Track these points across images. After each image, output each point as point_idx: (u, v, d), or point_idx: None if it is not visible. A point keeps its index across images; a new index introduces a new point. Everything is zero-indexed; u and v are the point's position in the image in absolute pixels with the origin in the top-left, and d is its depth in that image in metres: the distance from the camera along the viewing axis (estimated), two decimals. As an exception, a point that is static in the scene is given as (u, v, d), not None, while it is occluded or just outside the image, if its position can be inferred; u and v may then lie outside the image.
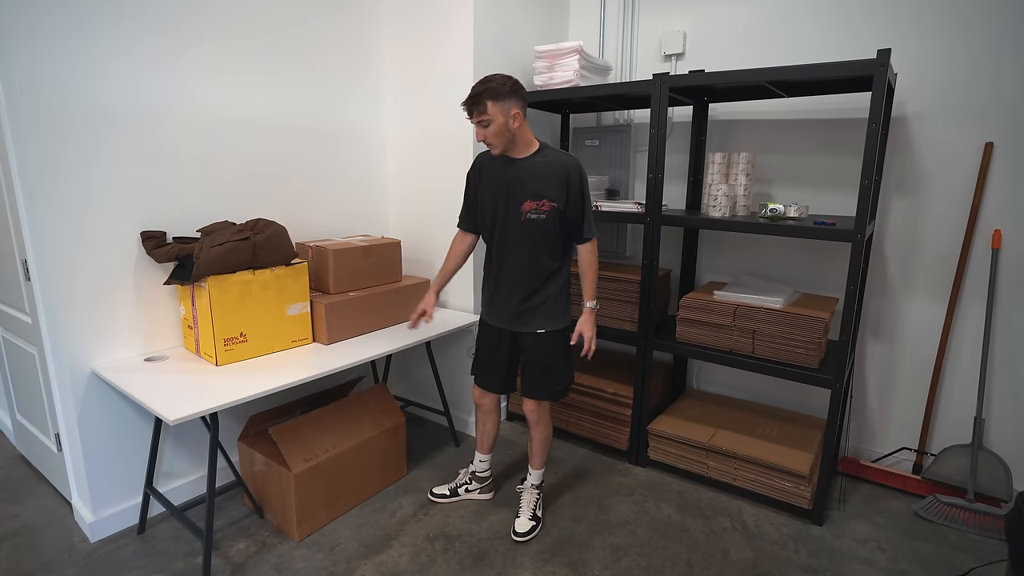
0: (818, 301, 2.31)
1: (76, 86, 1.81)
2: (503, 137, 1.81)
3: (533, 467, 2.16)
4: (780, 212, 2.15)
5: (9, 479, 2.38)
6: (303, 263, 2.19)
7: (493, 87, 1.76)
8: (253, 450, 2.12)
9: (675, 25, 2.72)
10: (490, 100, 1.76)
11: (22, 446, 2.54)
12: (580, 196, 1.88)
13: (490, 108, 1.76)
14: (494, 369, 2.10)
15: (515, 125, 1.80)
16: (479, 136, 1.83)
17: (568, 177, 1.85)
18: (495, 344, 2.07)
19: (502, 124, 1.78)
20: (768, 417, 2.56)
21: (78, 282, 1.89)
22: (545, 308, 1.96)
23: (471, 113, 1.80)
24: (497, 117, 1.77)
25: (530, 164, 1.87)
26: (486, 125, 1.79)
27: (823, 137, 2.43)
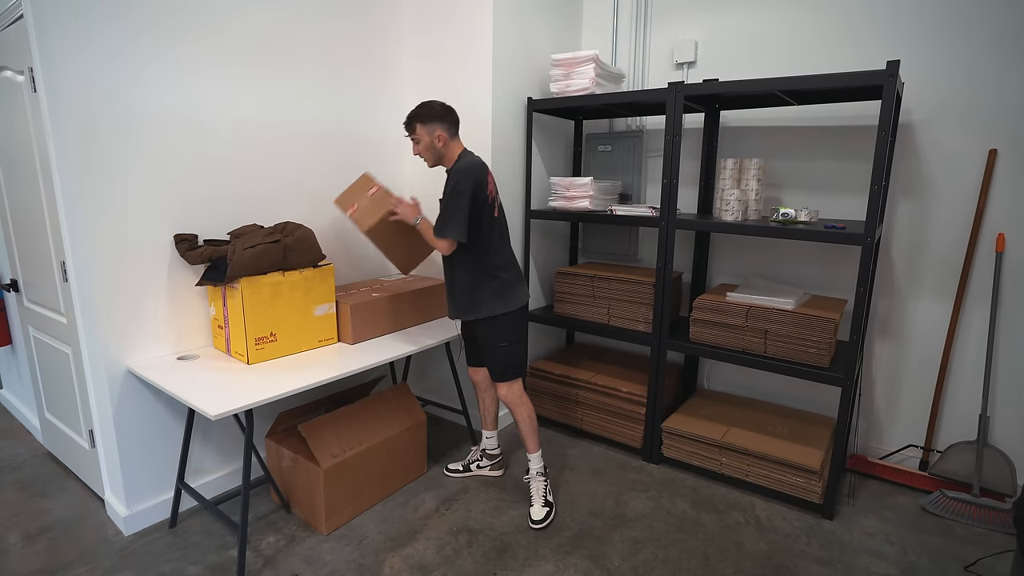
0: (828, 302, 2.38)
1: (115, 93, 1.87)
2: (431, 153, 2.08)
3: (528, 451, 2.26)
4: (791, 216, 2.21)
5: (38, 476, 2.43)
6: (330, 265, 2.24)
7: (421, 112, 2.05)
8: (281, 446, 2.17)
9: (686, 34, 2.79)
10: (418, 123, 2.05)
11: (50, 443, 2.58)
12: (446, 195, 2.03)
13: (418, 128, 2.05)
14: (468, 350, 2.39)
15: (440, 144, 2.06)
16: (413, 151, 2.12)
17: (447, 181, 2.07)
18: (462, 331, 2.37)
19: (428, 143, 2.06)
20: (778, 415, 2.62)
21: (114, 283, 1.94)
22: (460, 301, 2.15)
23: (407, 132, 2.10)
24: (424, 136, 2.05)
25: (448, 175, 2.11)
26: (416, 142, 2.08)
27: (832, 143, 2.50)
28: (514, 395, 2.23)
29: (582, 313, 2.81)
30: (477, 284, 2.11)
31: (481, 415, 2.49)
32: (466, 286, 2.12)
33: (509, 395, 2.22)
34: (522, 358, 2.23)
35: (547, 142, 3.02)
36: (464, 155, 2.09)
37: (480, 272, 2.11)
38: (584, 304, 2.80)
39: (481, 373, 2.40)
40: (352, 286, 2.56)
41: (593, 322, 2.77)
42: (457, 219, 2.00)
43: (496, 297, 2.13)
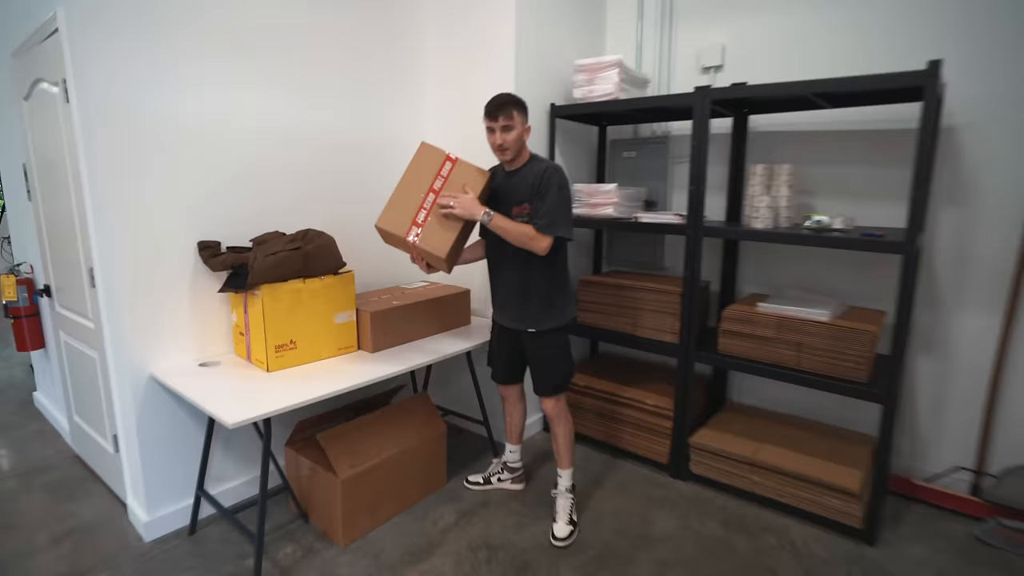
0: (865, 314, 2.27)
1: (142, 104, 1.92)
2: (517, 144, 1.96)
3: (561, 467, 2.21)
4: (826, 223, 2.12)
5: (66, 479, 2.47)
6: (350, 272, 2.24)
7: (518, 98, 1.95)
8: (300, 455, 2.16)
9: (713, 38, 2.73)
10: (516, 109, 1.92)
11: (78, 447, 2.63)
12: (546, 191, 1.93)
13: (515, 115, 1.92)
14: (499, 362, 2.28)
15: (527, 137, 1.99)
16: (497, 140, 1.94)
17: (542, 176, 1.94)
18: (498, 339, 2.26)
19: (519, 133, 1.95)
20: (813, 432, 2.50)
21: (139, 289, 1.97)
22: (535, 308, 2.06)
23: (497, 116, 1.91)
24: (518, 124, 1.94)
25: (521, 174, 2.01)
26: (508, 130, 1.92)
27: (868, 148, 2.40)
28: (561, 409, 2.17)
29: (606, 323, 2.75)
30: (554, 291, 2.06)
31: (506, 429, 2.44)
32: (545, 292, 2.05)
33: (556, 409, 2.16)
34: (573, 370, 2.20)
35: (570, 148, 2.98)
36: (536, 157, 2.05)
37: (560, 278, 2.07)
38: (608, 313, 2.74)
39: (511, 388, 2.34)
40: (372, 293, 2.55)
41: (618, 332, 2.71)
42: (567, 217, 1.95)
43: (567, 304, 2.11)
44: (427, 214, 1.95)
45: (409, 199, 1.96)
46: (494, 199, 2.04)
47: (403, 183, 1.99)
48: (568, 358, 2.16)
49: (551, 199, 1.92)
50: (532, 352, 2.13)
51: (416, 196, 1.96)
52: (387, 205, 1.98)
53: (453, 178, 1.97)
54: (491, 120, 1.94)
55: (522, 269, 2.03)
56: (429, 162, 1.98)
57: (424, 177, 1.97)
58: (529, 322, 2.08)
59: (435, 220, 1.94)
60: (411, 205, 1.96)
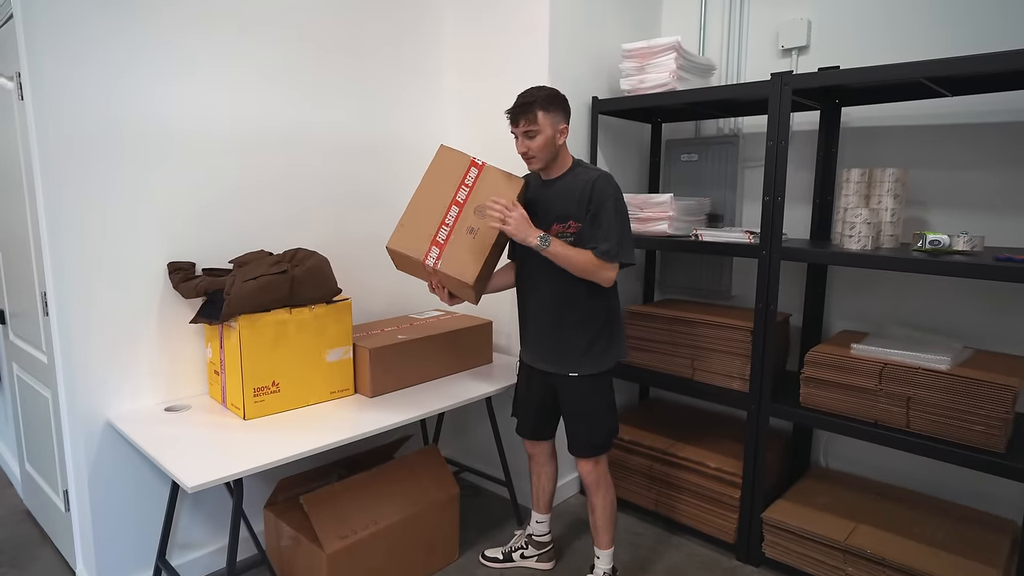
0: (1000, 361, 2.09)
1: (107, 103, 1.91)
2: (548, 151, 1.89)
3: (599, 546, 2.12)
4: (944, 244, 1.99)
5: (11, 538, 2.46)
6: (347, 300, 2.19)
7: (545, 95, 1.87)
8: (281, 520, 2.11)
9: (796, 12, 2.64)
10: (541, 110, 1.84)
11: (29, 501, 2.62)
12: (599, 206, 1.86)
13: (540, 118, 1.85)
14: (527, 412, 2.20)
15: (561, 141, 1.90)
16: (521, 148, 1.90)
17: (592, 188, 1.88)
18: (527, 384, 2.17)
19: (549, 137, 1.87)
20: (929, 512, 2.32)
21: (98, 318, 1.95)
22: (577, 347, 1.97)
23: (517, 121, 1.88)
24: (546, 129, 1.85)
25: (561, 184, 1.95)
26: (532, 136, 1.86)
27: (1003, 146, 2.24)
28: (601, 474, 2.08)
29: (659, 363, 2.67)
30: (602, 326, 1.99)
31: (533, 495, 2.33)
32: (587, 330, 1.97)
33: (594, 474, 2.07)
34: (617, 425, 2.12)
35: (616, 151, 2.94)
36: (580, 163, 2.01)
37: (610, 313, 2.00)
38: (661, 352, 2.66)
39: (541, 446, 2.26)
40: (374, 325, 2.51)
41: (673, 375, 2.62)
42: (630, 237, 1.90)
43: (615, 343, 2.03)
44: (449, 231, 1.88)
45: (427, 214, 1.90)
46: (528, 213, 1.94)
47: (419, 194, 1.93)
48: (612, 410, 2.07)
49: (610, 218, 1.86)
50: (569, 401, 2.04)
51: (436, 210, 1.90)
52: (400, 222, 1.92)
53: (479, 187, 1.91)
54: (513, 125, 1.91)
55: (563, 299, 1.96)
56: (450, 168, 1.93)
57: (445, 187, 1.92)
58: (568, 364, 1.99)
59: (460, 239, 1.87)
60: (430, 221, 1.89)
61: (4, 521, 2.58)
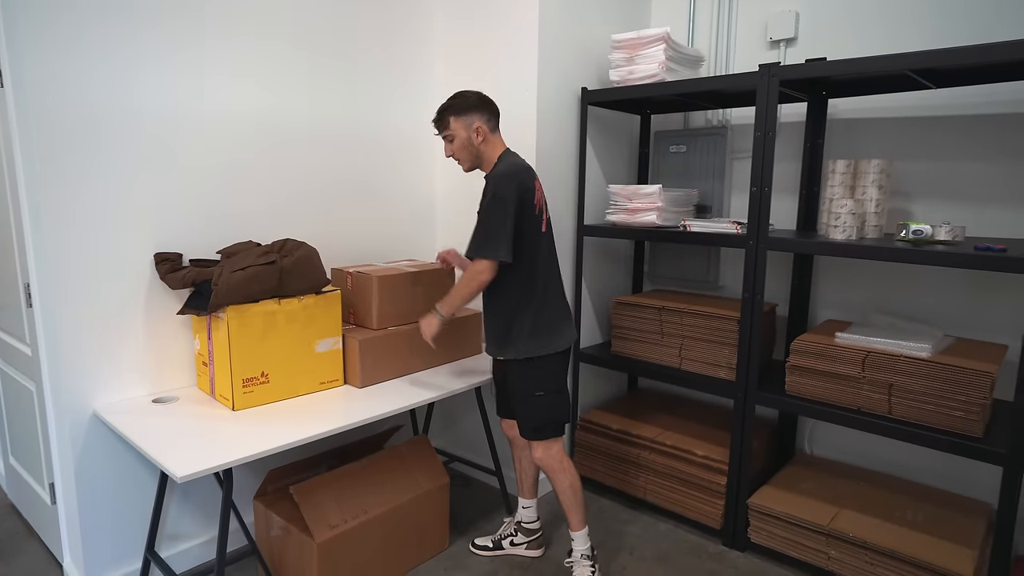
0: (979, 349, 2.14)
1: (93, 92, 1.88)
2: (468, 152, 2.03)
3: (572, 528, 2.14)
4: (927, 234, 2.04)
5: (-1, 532, 2.44)
6: (336, 291, 2.20)
7: (455, 103, 2.01)
8: (271, 511, 2.11)
9: (784, 4, 2.66)
10: (452, 115, 2.00)
11: (14, 494, 2.60)
12: (482, 207, 1.99)
13: (452, 123, 2.00)
14: (499, 396, 2.30)
15: (479, 140, 2.00)
16: (446, 153, 2.07)
17: (485, 187, 2.01)
18: (494, 370, 2.31)
19: (465, 139, 2.00)
20: (909, 496, 2.37)
21: (84, 309, 1.93)
22: (501, 334, 2.07)
23: (436, 129, 2.06)
24: (459, 132, 2.00)
25: (486, 181, 2.06)
26: (450, 140, 2.03)
27: (984, 138, 2.28)
28: (551, 459, 2.09)
29: (647, 353, 2.70)
30: (514, 315, 2.03)
31: (517, 479, 2.36)
32: (502, 317, 2.05)
33: (545, 458, 2.10)
34: (563, 413, 2.11)
35: (605, 142, 2.95)
36: (506, 156, 2.05)
37: (521, 300, 2.03)
38: (650, 342, 2.69)
39: (516, 427, 2.26)
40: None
41: (661, 365, 2.66)
42: (500, 234, 1.92)
43: (534, 334, 2.02)
44: None
45: None
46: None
47: None
48: (556, 396, 2.07)
49: (483, 214, 1.98)
50: (509, 385, 2.13)
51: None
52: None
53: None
54: (437, 134, 2.08)
55: (493, 290, 2.05)
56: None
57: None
58: (506, 349, 2.06)
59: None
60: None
61: None
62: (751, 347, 2.31)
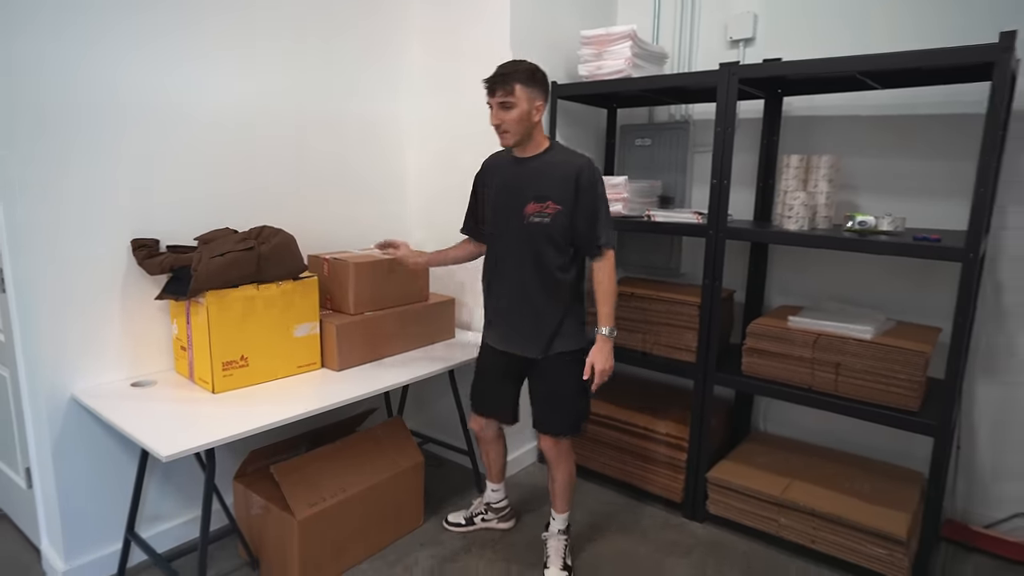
0: (917, 331, 2.26)
1: (67, 73, 1.86)
2: (522, 126, 1.87)
3: (556, 510, 2.18)
4: (871, 225, 2.13)
5: (-29, 518, 2.41)
6: (313, 277, 2.22)
7: (526, 68, 1.86)
8: (250, 491, 2.13)
9: (743, 5, 2.72)
10: (519, 83, 1.83)
11: None
12: (592, 199, 1.90)
13: (518, 90, 1.83)
14: (496, 397, 2.17)
15: (537, 117, 1.88)
16: (495, 119, 1.88)
17: (578, 176, 1.88)
18: (496, 368, 2.14)
19: (525, 112, 1.85)
20: (852, 468, 2.50)
21: (60, 295, 1.91)
22: (553, 328, 1.98)
23: (494, 91, 1.85)
24: (522, 103, 1.83)
25: (537, 164, 1.94)
26: (509, 108, 1.84)
27: (924, 136, 2.39)
28: (562, 450, 2.10)
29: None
30: (570, 307, 2.00)
31: (486, 466, 2.39)
32: (559, 310, 1.98)
33: (555, 449, 2.09)
34: (588, 407, 2.13)
35: (574, 134, 2.97)
36: (558, 144, 2.01)
37: (575, 291, 2.02)
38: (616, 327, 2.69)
39: (492, 428, 2.27)
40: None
41: (626, 348, 2.71)
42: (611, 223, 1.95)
43: (583, 325, 2.04)
44: None
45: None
46: (497, 189, 2.02)
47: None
48: (586, 391, 2.04)
49: (603, 210, 1.91)
50: (546, 381, 2.03)
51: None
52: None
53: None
54: (489, 95, 1.88)
55: (542, 276, 1.96)
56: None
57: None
58: (554, 342, 1.98)
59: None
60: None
61: None
62: (711, 331, 2.38)
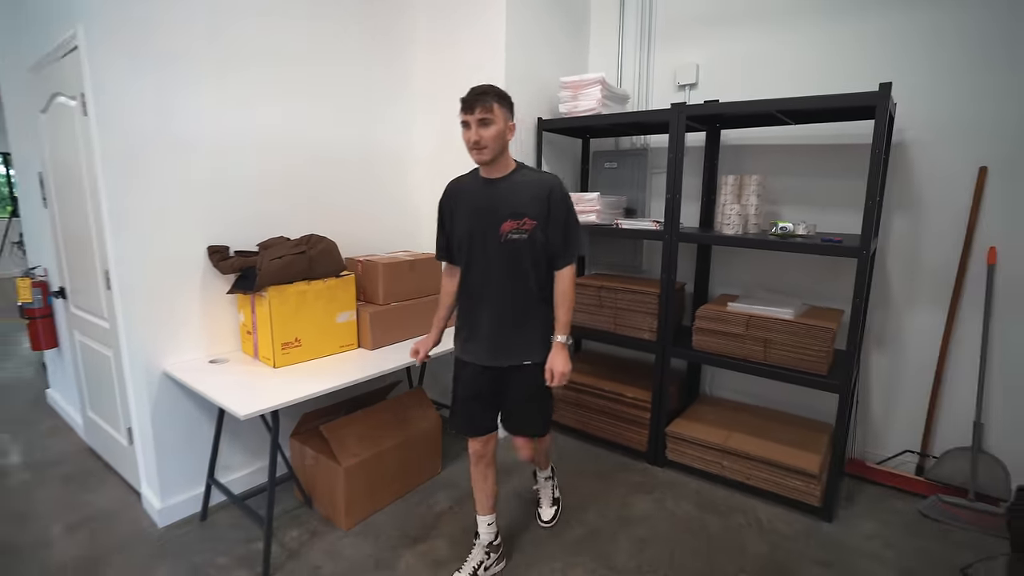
0: (825, 313, 2.39)
1: (155, 116, 1.96)
2: (498, 143, 1.64)
3: (541, 468, 2.17)
4: (790, 230, 2.23)
5: (81, 470, 2.51)
6: (351, 275, 2.30)
7: (500, 90, 1.65)
8: (304, 446, 2.22)
9: (688, 58, 2.83)
10: (497, 102, 1.63)
11: (91, 440, 2.66)
12: (563, 213, 1.71)
13: (496, 109, 1.62)
14: (483, 412, 1.83)
15: (509, 137, 1.68)
16: (473, 136, 1.62)
17: (550, 193, 1.68)
18: (480, 383, 1.81)
19: (501, 130, 1.63)
20: (778, 422, 2.62)
21: (153, 291, 2.02)
22: (533, 337, 1.76)
23: (473, 108, 1.60)
24: (499, 120, 1.63)
25: (508, 184, 1.71)
26: (487, 124, 1.61)
27: (828, 161, 2.51)
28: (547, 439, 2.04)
29: (589, 321, 2.83)
30: (549, 316, 1.78)
31: (482, 496, 1.87)
32: (544, 321, 1.77)
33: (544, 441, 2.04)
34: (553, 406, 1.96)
35: (556, 159, 3.05)
36: (524, 165, 1.76)
37: (551, 300, 1.78)
38: (591, 313, 2.81)
39: (492, 444, 1.86)
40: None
41: (600, 330, 2.79)
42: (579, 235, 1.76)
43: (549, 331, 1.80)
44: None
45: None
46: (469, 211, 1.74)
47: None
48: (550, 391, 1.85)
49: (572, 224, 1.74)
50: (524, 388, 1.78)
51: None
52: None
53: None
54: (467, 112, 1.62)
55: (521, 291, 1.73)
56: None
57: None
58: (532, 352, 1.76)
59: None
60: None
61: (72, 457, 2.62)
62: (667, 315, 2.49)
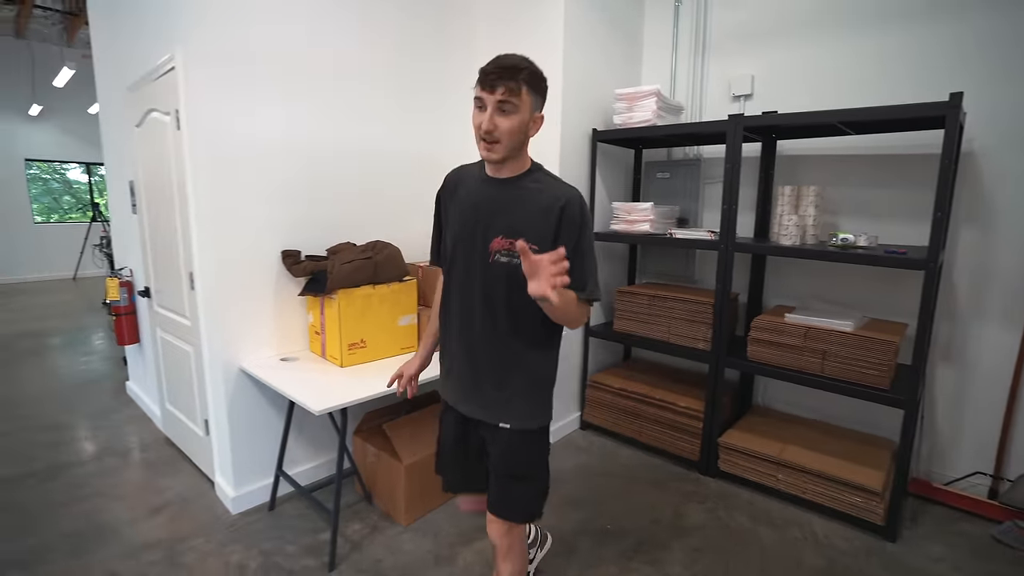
0: (887, 326, 2.33)
1: (239, 130, 2.09)
2: (516, 139, 1.25)
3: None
4: (851, 241, 2.19)
5: (160, 458, 2.68)
6: (413, 280, 2.38)
7: (536, 70, 1.24)
8: (367, 443, 2.30)
9: (743, 69, 2.82)
10: (528, 85, 1.22)
11: (169, 430, 2.82)
12: (575, 235, 1.26)
13: (524, 94, 1.22)
14: (458, 467, 1.50)
15: (532, 133, 1.29)
16: (486, 124, 1.22)
17: (563, 208, 1.26)
18: (457, 432, 1.47)
19: (524, 121, 1.24)
20: (835, 435, 2.56)
21: (232, 292, 2.14)
22: (512, 393, 1.35)
23: (495, 86, 1.20)
24: (524, 110, 1.23)
25: (514, 188, 1.31)
26: (507, 112, 1.21)
27: (890, 171, 2.46)
28: (515, 540, 1.45)
29: (641, 330, 2.84)
30: (550, 369, 1.41)
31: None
32: (534, 371, 1.37)
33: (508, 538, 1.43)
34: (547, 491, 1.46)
35: (609, 169, 3.07)
36: (541, 168, 1.36)
37: (549, 358, 1.40)
38: (643, 321, 2.82)
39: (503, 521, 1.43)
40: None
41: (652, 339, 2.79)
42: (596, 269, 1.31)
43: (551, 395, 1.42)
44: None
45: None
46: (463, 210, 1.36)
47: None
48: (548, 472, 1.45)
49: (587, 251, 1.28)
50: (499, 457, 1.39)
51: None
52: None
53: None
54: (485, 89, 1.22)
55: (503, 330, 1.32)
56: None
57: None
58: (509, 413, 1.36)
59: None
60: None
61: (151, 446, 2.80)
62: (722, 325, 2.47)
